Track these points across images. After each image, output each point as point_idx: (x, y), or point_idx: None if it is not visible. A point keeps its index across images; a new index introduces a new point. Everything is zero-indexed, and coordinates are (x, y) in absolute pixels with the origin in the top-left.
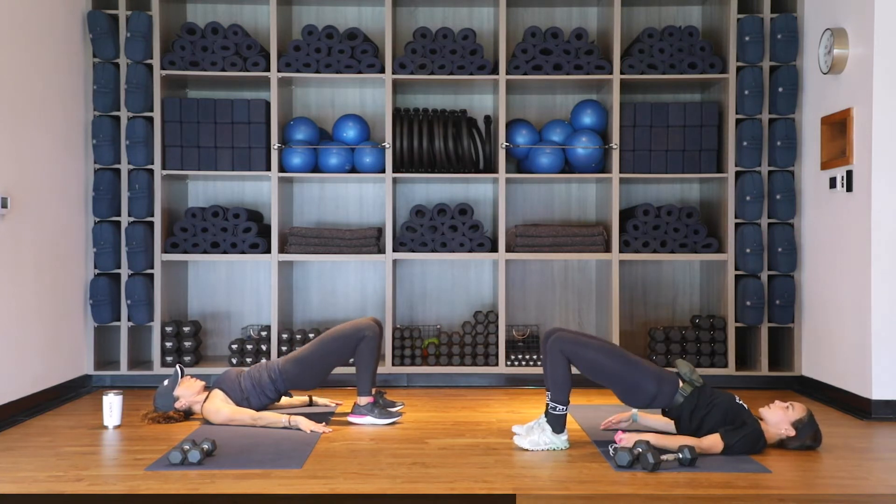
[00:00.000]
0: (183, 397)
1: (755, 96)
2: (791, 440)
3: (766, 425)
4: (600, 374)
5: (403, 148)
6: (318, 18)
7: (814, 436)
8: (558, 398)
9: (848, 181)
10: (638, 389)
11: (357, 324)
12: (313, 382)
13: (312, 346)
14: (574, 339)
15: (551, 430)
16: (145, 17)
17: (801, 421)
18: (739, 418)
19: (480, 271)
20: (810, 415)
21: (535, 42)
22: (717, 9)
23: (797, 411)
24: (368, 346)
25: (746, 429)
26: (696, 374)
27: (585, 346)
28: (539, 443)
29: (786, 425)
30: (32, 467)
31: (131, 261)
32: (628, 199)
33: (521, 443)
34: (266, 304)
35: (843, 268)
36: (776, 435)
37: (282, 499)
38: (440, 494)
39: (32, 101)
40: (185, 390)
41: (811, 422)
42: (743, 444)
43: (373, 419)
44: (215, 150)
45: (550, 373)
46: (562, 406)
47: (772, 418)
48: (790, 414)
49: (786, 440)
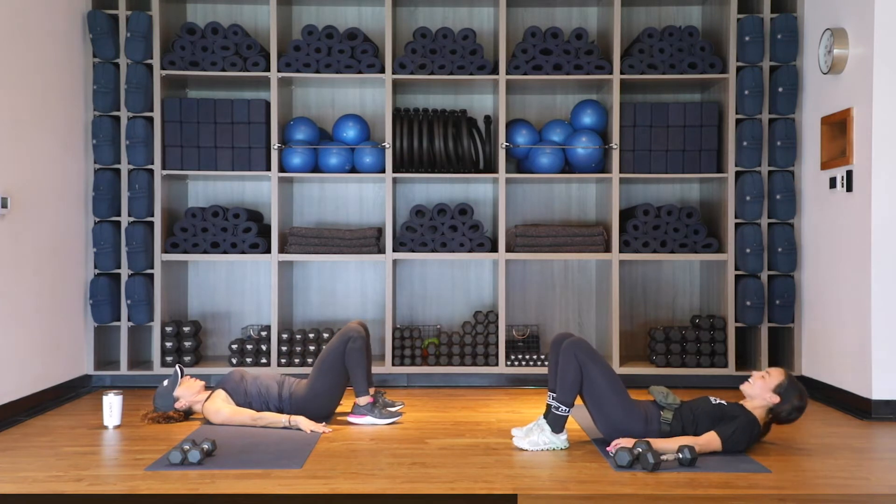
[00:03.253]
0: (183, 397)
1: (755, 96)
2: (779, 407)
3: (751, 402)
4: (595, 394)
5: (403, 148)
6: (318, 18)
7: (799, 395)
8: (564, 399)
9: (848, 181)
10: (625, 429)
11: (340, 332)
12: (327, 409)
13: (313, 372)
14: (590, 351)
15: (551, 430)
16: (145, 17)
17: (781, 385)
18: (727, 415)
19: (480, 271)
20: (789, 376)
21: (535, 42)
22: (717, 9)
23: (774, 376)
24: (355, 347)
25: (737, 421)
26: (671, 395)
27: (596, 363)
28: (538, 443)
29: (768, 393)
30: (32, 467)
31: (131, 261)
32: (628, 199)
33: (521, 444)
34: (266, 304)
35: (843, 268)
36: (763, 407)
37: (282, 499)
38: (440, 494)
39: (33, 102)
40: (185, 390)
41: (792, 383)
42: (740, 435)
43: (373, 419)
44: (215, 150)
45: (562, 374)
46: (566, 407)
47: (753, 391)
48: (769, 381)
49: (775, 410)
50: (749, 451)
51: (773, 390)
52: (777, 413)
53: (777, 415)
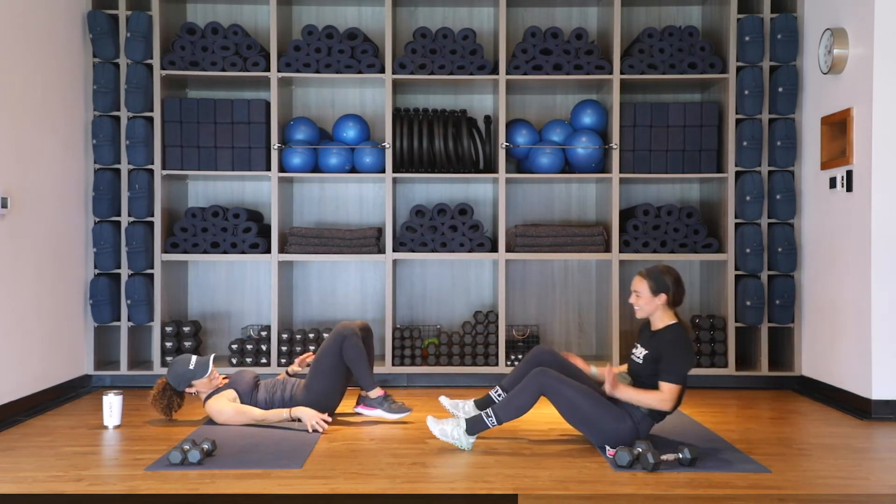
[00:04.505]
0: (198, 389)
1: (755, 96)
2: (670, 298)
3: (657, 320)
4: (580, 415)
5: (403, 148)
6: (318, 18)
7: (664, 272)
8: (502, 416)
9: (848, 181)
10: (618, 432)
11: (333, 332)
12: (326, 409)
13: (309, 374)
14: (557, 379)
15: (465, 430)
16: (145, 17)
17: (651, 287)
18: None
19: (480, 271)
20: (645, 274)
21: (535, 42)
22: (717, 9)
23: (639, 286)
24: (350, 344)
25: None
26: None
27: (568, 387)
28: (448, 434)
29: (653, 302)
30: (32, 467)
31: (131, 261)
32: (628, 199)
33: (433, 427)
34: (266, 304)
35: (843, 268)
36: (664, 311)
37: (282, 499)
38: (440, 494)
39: (33, 102)
40: (205, 386)
41: (652, 274)
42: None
43: (383, 412)
44: (215, 150)
45: (517, 395)
46: (497, 422)
47: (645, 312)
48: (643, 294)
49: (670, 301)
50: (743, 446)
51: (654, 296)
52: (673, 303)
53: (674, 304)
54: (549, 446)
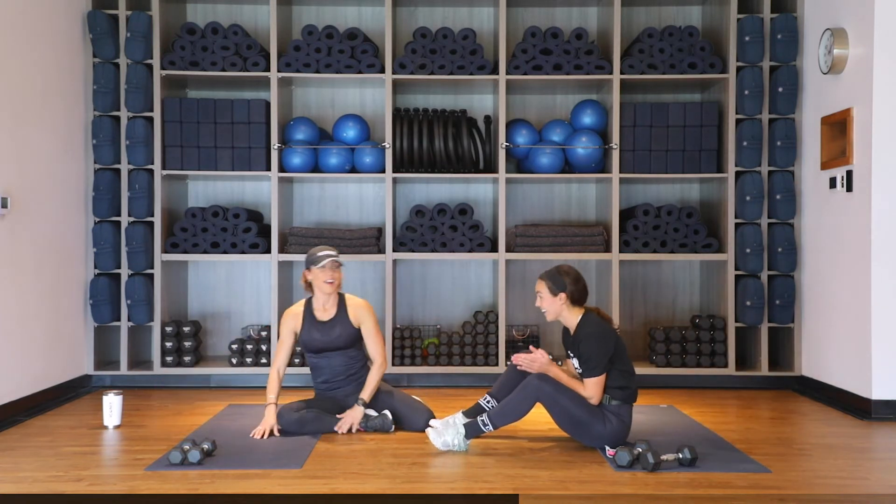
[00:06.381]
0: (314, 280)
1: (755, 96)
2: (571, 297)
3: (567, 320)
4: (575, 423)
5: (403, 148)
6: (318, 18)
7: (562, 272)
8: (497, 422)
9: (848, 181)
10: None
11: None
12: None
13: None
14: (554, 387)
15: (464, 435)
16: (145, 17)
17: (551, 289)
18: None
19: (480, 271)
20: (544, 277)
21: (535, 42)
22: (717, 9)
23: (542, 288)
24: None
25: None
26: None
27: (564, 394)
28: (451, 444)
29: (557, 303)
30: (32, 467)
31: (131, 261)
32: (628, 199)
33: (435, 441)
34: (266, 304)
35: (843, 268)
36: (571, 311)
37: (282, 499)
38: (440, 494)
39: (33, 101)
40: (322, 282)
41: (551, 276)
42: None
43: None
44: (215, 150)
45: (512, 405)
46: (493, 428)
47: (552, 314)
48: (545, 295)
49: (571, 300)
50: (743, 446)
51: (554, 296)
52: (575, 300)
53: (576, 301)
54: (549, 446)
